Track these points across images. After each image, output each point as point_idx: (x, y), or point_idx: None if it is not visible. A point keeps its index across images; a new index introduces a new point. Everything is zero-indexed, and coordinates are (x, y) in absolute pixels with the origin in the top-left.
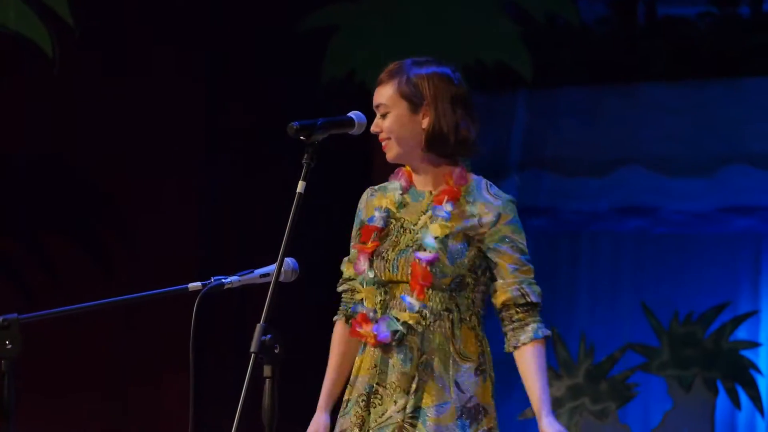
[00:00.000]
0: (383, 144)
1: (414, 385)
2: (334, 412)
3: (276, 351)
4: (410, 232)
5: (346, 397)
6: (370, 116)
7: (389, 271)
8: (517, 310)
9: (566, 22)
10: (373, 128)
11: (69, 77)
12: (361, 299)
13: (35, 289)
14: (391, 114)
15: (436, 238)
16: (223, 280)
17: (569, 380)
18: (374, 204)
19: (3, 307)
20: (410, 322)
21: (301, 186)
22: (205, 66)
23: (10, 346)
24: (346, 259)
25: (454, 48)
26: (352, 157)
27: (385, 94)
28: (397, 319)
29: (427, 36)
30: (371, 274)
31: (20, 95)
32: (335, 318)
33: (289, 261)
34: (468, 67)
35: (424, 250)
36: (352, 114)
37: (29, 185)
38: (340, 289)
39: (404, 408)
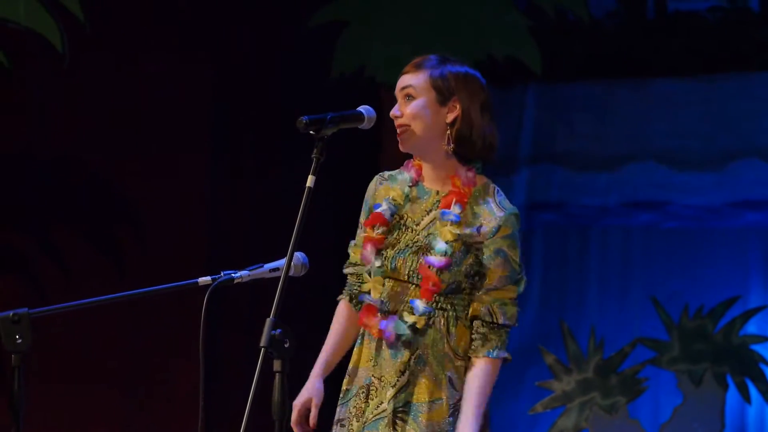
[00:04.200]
0: (400, 132)
1: (405, 379)
2: (326, 381)
3: (286, 345)
4: (411, 232)
5: (344, 387)
6: (380, 111)
7: (387, 268)
8: (482, 324)
9: (576, 16)
10: (394, 112)
11: (79, 73)
12: (369, 288)
13: (47, 285)
14: (418, 100)
15: (447, 242)
16: (233, 275)
17: (579, 374)
18: (382, 194)
19: (15, 302)
20: (418, 325)
21: (310, 181)
22: (213, 64)
23: (20, 341)
24: (353, 242)
25: (464, 42)
26: (361, 150)
27: (416, 78)
28: (405, 322)
29: (437, 30)
30: (378, 264)
31: (30, 90)
32: (339, 297)
33: (298, 255)
34: (478, 61)
35: (434, 254)
36: (361, 108)
37: (41, 181)
38: (346, 271)
39: (393, 399)
